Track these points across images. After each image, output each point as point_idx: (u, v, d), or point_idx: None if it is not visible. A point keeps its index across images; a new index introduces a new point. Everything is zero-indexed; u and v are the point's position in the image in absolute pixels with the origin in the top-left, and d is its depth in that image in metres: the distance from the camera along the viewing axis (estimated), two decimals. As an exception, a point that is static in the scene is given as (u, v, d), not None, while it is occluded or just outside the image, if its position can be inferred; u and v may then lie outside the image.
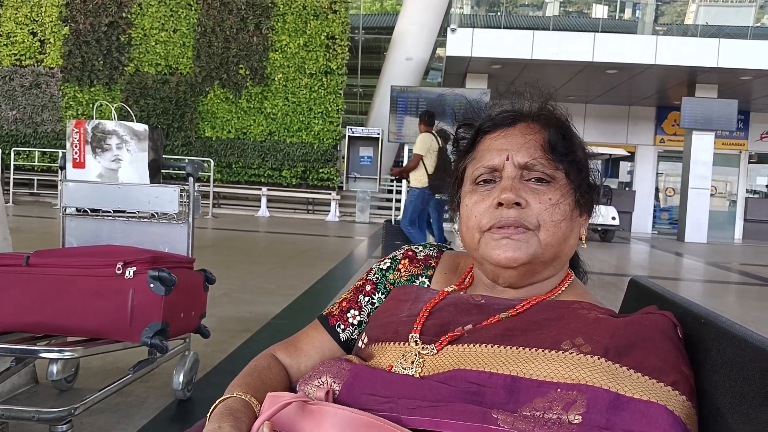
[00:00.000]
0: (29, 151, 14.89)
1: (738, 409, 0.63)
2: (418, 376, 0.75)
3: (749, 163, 17.42)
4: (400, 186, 14.33)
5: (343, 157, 15.19)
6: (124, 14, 14.86)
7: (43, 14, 14.97)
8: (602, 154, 12.56)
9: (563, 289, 0.86)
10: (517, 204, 0.80)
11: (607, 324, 0.73)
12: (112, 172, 2.45)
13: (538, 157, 0.82)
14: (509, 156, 0.83)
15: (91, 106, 14.69)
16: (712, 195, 15.10)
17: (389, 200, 15.66)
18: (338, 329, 0.97)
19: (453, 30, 13.06)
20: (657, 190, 17.93)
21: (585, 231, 0.88)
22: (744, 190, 17.37)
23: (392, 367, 0.78)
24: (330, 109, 14.72)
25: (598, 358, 0.68)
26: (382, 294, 0.97)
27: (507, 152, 0.84)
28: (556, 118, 0.87)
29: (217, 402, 0.77)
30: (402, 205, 14.14)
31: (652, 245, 12.88)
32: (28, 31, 15.04)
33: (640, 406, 0.64)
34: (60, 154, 13.70)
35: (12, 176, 13.77)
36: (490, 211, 0.82)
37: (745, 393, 0.62)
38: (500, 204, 0.81)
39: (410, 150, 15.30)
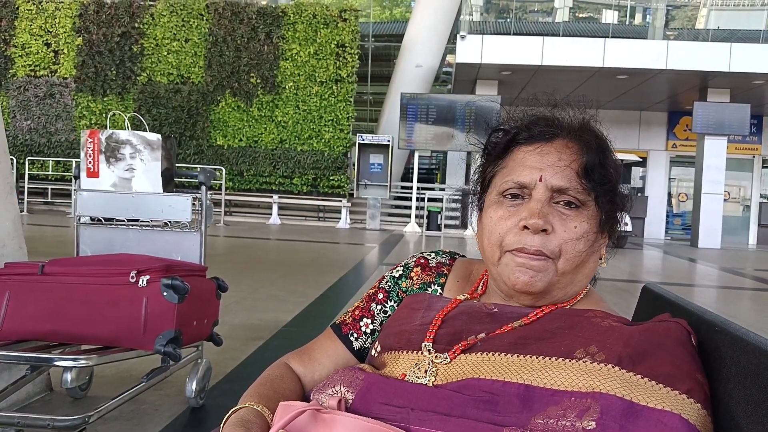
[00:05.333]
0: (43, 160, 15.05)
1: (753, 418, 0.62)
2: (431, 385, 0.75)
3: (763, 167, 17.26)
4: (410, 192, 14.35)
5: (354, 165, 15.23)
6: (136, 24, 15.01)
7: (57, 25, 15.16)
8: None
9: (579, 299, 0.86)
10: (543, 230, 0.79)
11: (620, 332, 0.73)
12: (125, 182, 2.47)
13: (573, 181, 0.80)
14: (542, 176, 0.80)
15: (104, 115, 14.85)
16: (725, 200, 14.97)
17: (399, 207, 15.66)
18: (351, 338, 0.97)
19: (463, 37, 13.07)
20: (669, 195, 17.81)
21: (605, 250, 0.87)
22: (758, 195, 17.20)
23: (405, 375, 0.78)
24: (340, 116, 14.78)
25: (612, 367, 0.68)
26: (395, 302, 0.97)
27: (540, 172, 0.80)
28: (596, 140, 0.83)
29: (230, 412, 0.77)
30: (412, 211, 14.14)
31: (665, 251, 12.78)
32: (42, 42, 15.23)
33: (655, 415, 0.63)
34: (74, 164, 13.83)
35: (26, 185, 13.91)
36: (515, 232, 0.80)
37: (760, 401, 0.62)
38: (526, 227, 0.79)
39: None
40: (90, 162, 2.48)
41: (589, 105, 0.86)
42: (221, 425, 0.75)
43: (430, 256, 1.00)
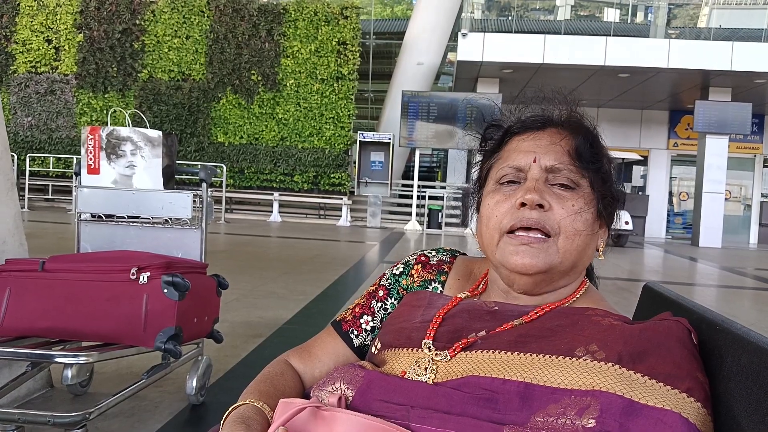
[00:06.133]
0: (44, 157, 15.05)
1: (754, 417, 0.62)
2: (431, 382, 0.75)
3: (764, 167, 17.25)
4: (411, 190, 14.35)
5: (355, 162, 15.22)
6: (137, 21, 15.01)
7: (58, 22, 15.16)
8: (615, 158, 12.48)
9: (578, 296, 0.86)
10: (540, 206, 0.80)
11: (621, 330, 0.73)
12: (126, 178, 2.47)
13: (566, 162, 0.82)
14: (536, 158, 0.83)
15: (105, 112, 14.85)
16: (726, 199, 14.96)
17: (400, 205, 15.66)
18: (352, 335, 0.96)
19: (464, 34, 13.06)
20: (671, 194, 17.80)
21: (603, 243, 0.87)
22: (759, 194, 17.20)
23: (405, 373, 0.78)
24: (341, 114, 14.78)
25: (612, 365, 0.68)
26: (395, 299, 0.97)
27: (534, 154, 0.83)
28: (584, 126, 0.87)
29: (230, 409, 0.77)
30: (413, 209, 14.14)
31: (666, 250, 12.78)
32: (44, 38, 15.22)
33: (654, 413, 0.63)
34: (75, 160, 13.86)
35: (27, 182, 13.91)
36: (512, 212, 0.82)
37: (761, 401, 0.61)
38: (523, 204, 0.81)
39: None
40: (91, 159, 2.47)
41: (575, 99, 0.90)
42: (221, 422, 0.75)
43: (431, 253, 1.00)
